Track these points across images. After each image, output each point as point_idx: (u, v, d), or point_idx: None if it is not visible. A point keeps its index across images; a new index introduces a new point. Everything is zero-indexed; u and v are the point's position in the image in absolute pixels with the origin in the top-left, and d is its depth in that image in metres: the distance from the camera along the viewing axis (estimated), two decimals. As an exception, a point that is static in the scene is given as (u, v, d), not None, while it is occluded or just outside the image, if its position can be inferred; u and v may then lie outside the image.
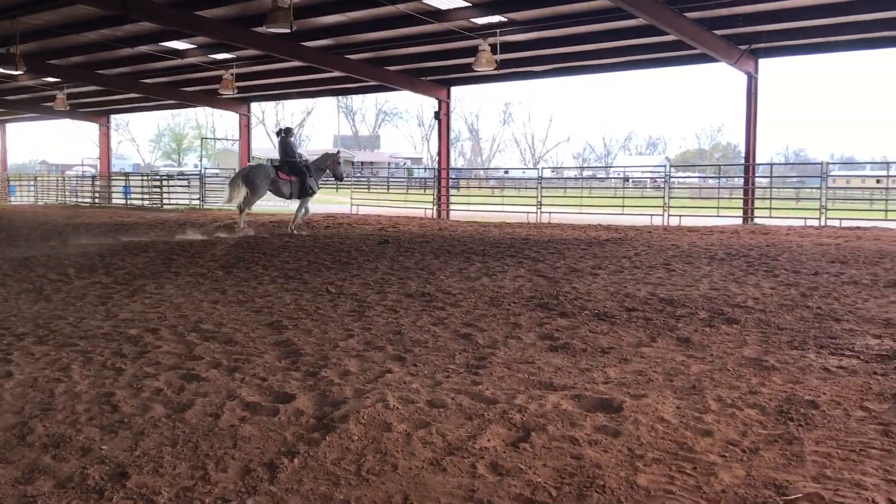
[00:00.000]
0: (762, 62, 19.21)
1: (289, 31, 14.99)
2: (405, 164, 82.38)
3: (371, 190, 40.38)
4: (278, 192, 16.70)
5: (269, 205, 24.42)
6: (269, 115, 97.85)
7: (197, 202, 30.53)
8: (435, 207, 24.48)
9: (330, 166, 17.27)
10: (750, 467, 3.19)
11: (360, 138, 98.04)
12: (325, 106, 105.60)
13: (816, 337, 5.75)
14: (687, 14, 16.04)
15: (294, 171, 16.68)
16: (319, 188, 17.84)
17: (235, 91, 24.13)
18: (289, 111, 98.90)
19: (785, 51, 19.05)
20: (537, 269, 9.84)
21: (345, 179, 18.58)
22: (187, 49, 22.01)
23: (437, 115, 24.71)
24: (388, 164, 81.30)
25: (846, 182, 40.96)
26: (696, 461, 3.26)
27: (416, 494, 2.98)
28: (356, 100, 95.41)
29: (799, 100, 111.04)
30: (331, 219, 21.48)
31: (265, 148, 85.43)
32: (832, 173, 28.64)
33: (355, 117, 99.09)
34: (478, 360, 5.00)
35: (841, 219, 18.24)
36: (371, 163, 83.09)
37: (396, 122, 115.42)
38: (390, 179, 54.08)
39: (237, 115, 30.88)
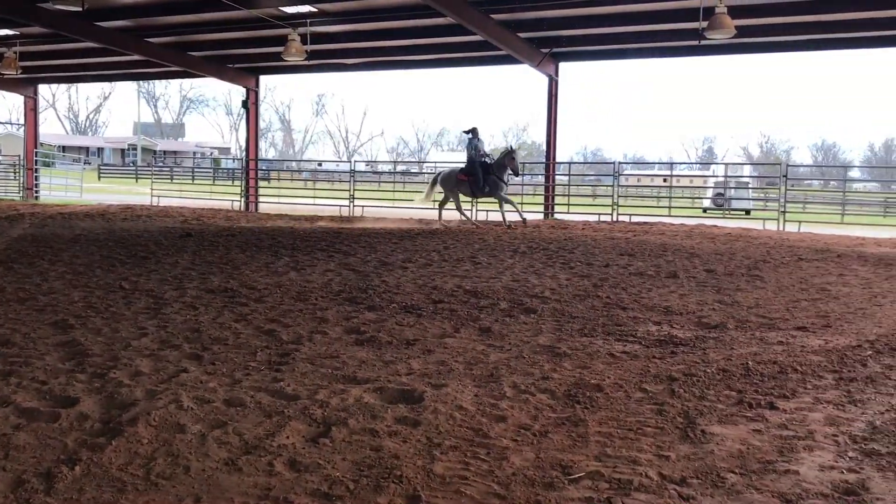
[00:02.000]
0: (563, 66, 20.24)
1: (80, 9, 13.96)
2: (212, 153, 79.34)
3: (174, 181, 38.53)
4: (463, 192, 17.61)
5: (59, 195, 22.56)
6: (62, 98, 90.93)
7: (-25, 191, 27.75)
8: (243, 200, 23.75)
9: (507, 162, 17.16)
10: (539, 450, 3.36)
11: (164, 126, 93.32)
12: (125, 90, 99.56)
13: (605, 324, 6.16)
14: (493, 15, 16.59)
15: (469, 171, 17.26)
16: (506, 184, 17.58)
17: (19, 71, 22.07)
18: (83, 94, 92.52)
19: (583, 56, 20.18)
20: (348, 263, 9.81)
21: (522, 174, 18.71)
22: (-40, 22, 19.87)
23: (245, 104, 23.93)
24: (194, 153, 77.97)
25: (637, 180, 44.20)
26: (490, 446, 3.38)
27: (208, 496, 2.88)
28: (159, 85, 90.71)
29: (599, 101, 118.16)
30: (128, 210, 20.26)
31: (55, 134, 79.24)
32: (624, 172, 30.81)
33: (158, 103, 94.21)
34: (280, 357, 4.91)
35: (631, 214, 19.62)
36: (175, 152, 79.35)
37: (203, 109, 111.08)
38: (195, 170, 51.87)
39: (22, 97, 28.30)
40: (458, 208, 18.02)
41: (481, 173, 17.07)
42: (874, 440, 3.50)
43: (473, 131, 17.73)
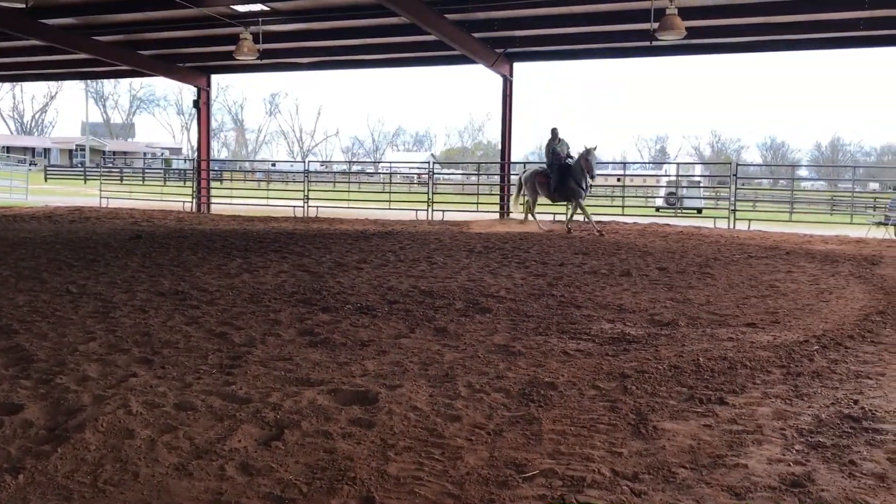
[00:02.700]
0: (517, 66, 20.34)
1: (24, 6, 13.62)
2: (163, 154, 78.06)
3: (124, 182, 37.77)
4: (543, 194, 16.66)
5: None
6: (6, 98, 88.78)
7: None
8: (194, 201, 23.41)
9: (583, 164, 15.86)
10: (493, 448, 3.36)
11: (113, 126, 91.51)
12: (73, 89, 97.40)
13: (559, 323, 6.20)
14: (447, 15, 16.59)
15: (548, 173, 16.48)
16: (585, 189, 16.04)
17: (-39, 69, 21.47)
18: (29, 94, 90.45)
19: (537, 56, 20.29)
20: (302, 264, 9.72)
21: (594, 175, 16.37)
22: None
23: (196, 104, 23.59)
24: (144, 154, 76.60)
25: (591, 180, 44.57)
26: (444, 446, 3.38)
27: (158, 502, 2.83)
28: (108, 84, 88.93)
29: (553, 100, 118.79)
30: (77, 212, 19.83)
31: None
32: (578, 172, 30.99)
33: (107, 103, 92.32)
34: (232, 360, 4.84)
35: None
36: (124, 152, 77.92)
37: (153, 109, 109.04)
38: (146, 171, 50.96)
39: (-36, 95, 27.48)
40: (530, 208, 17.15)
41: (556, 176, 16.17)
42: (820, 433, 3.58)
43: (552, 132, 16.73)
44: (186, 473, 3.07)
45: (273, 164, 62.32)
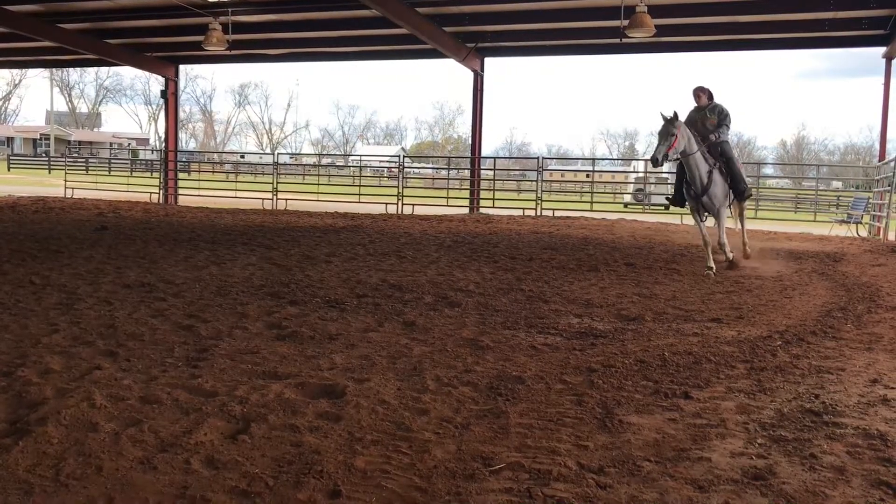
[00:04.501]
0: (488, 61, 20.38)
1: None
2: (130, 144, 77.01)
3: (90, 172, 37.19)
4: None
5: None
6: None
7: None
8: (162, 192, 23.14)
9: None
10: (461, 442, 3.37)
11: (79, 115, 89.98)
12: (37, 78, 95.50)
13: (527, 317, 6.23)
14: (419, 9, 16.58)
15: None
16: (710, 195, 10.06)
17: (-80, 55, 20.99)
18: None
19: (508, 51, 20.37)
20: (270, 257, 9.66)
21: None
22: None
23: (164, 94, 23.33)
24: (111, 144, 75.52)
25: (561, 176, 44.84)
26: (412, 440, 3.38)
27: (122, 496, 2.79)
28: (73, 73, 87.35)
29: (526, 96, 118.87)
30: (40, 203, 19.49)
31: (-38, 122, 75.46)
32: (548, 168, 31.24)
33: (72, 92, 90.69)
34: (199, 353, 4.79)
35: (554, 209, 19.93)
36: (90, 142, 76.76)
37: (120, 99, 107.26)
38: (112, 161, 50.22)
39: (-76, 82, 26.87)
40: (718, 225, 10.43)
41: (679, 170, 10.40)
42: (782, 427, 3.64)
43: (694, 94, 10.40)
44: (151, 467, 3.04)
45: (242, 156, 61.76)
